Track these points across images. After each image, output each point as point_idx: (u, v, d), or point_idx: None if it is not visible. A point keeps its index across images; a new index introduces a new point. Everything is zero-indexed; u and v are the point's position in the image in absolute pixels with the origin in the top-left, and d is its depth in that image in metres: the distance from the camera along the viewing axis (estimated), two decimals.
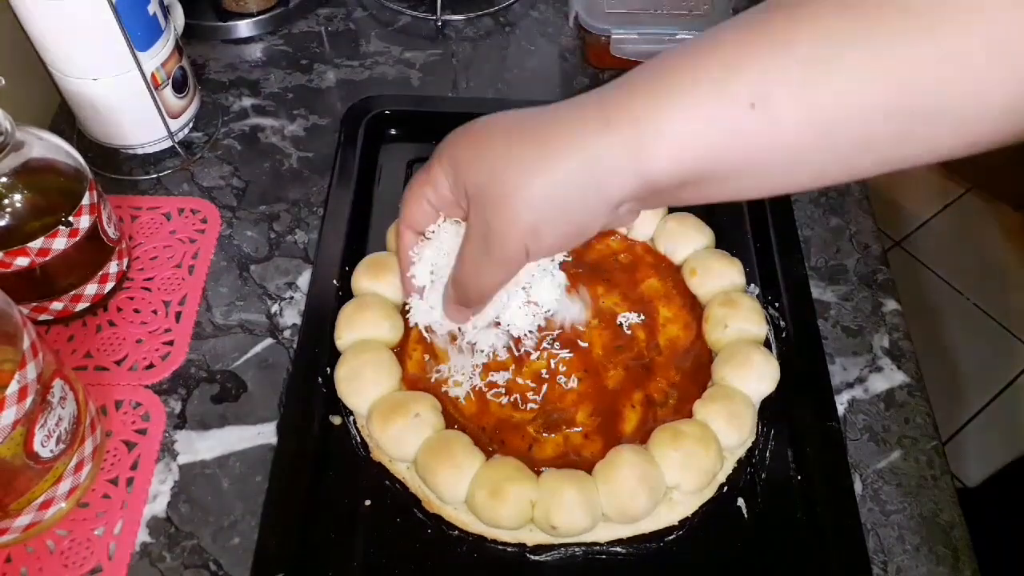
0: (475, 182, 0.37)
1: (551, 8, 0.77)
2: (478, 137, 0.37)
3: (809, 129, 0.31)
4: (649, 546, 0.46)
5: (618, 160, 0.33)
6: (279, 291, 0.57)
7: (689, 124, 0.32)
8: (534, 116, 0.36)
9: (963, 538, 0.48)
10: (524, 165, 0.35)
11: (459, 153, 0.38)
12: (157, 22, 0.58)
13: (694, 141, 0.32)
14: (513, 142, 0.36)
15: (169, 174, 0.63)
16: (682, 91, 0.32)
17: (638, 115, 0.33)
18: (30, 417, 0.39)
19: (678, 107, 0.32)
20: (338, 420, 0.50)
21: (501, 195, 0.36)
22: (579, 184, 0.34)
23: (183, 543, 0.46)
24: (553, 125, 0.35)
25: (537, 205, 0.35)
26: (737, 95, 0.31)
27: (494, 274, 0.40)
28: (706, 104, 0.32)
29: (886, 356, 0.55)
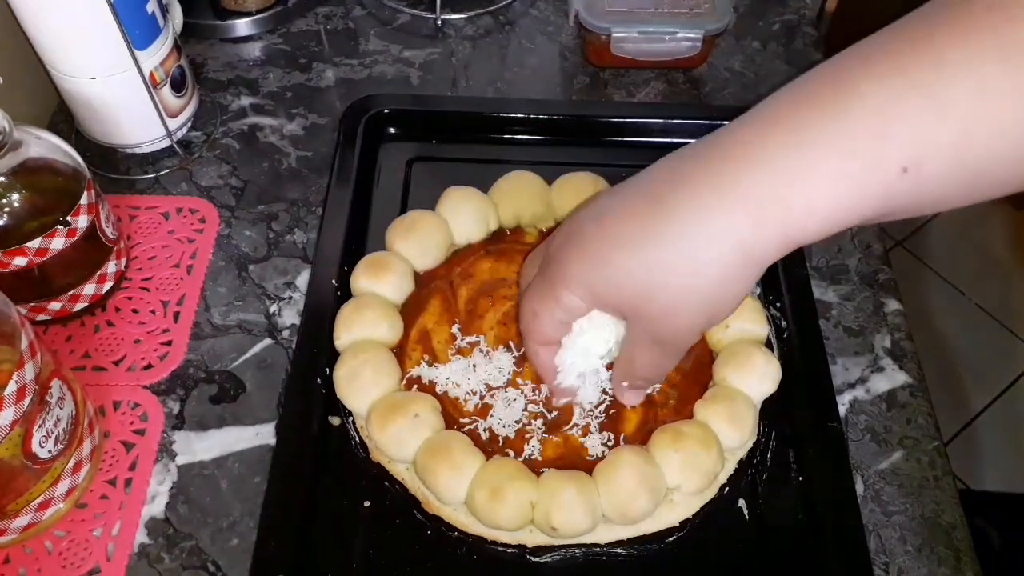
0: (629, 299, 0.35)
1: (551, 6, 0.77)
2: (604, 249, 0.35)
3: (959, 180, 0.30)
4: (650, 547, 0.46)
5: (773, 238, 0.32)
6: (278, 291, 0.57)
7: (841, 196, 0.30)
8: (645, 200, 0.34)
9: (965, 539, 0.47)
10: (680, 271, 0.33)
11: (593, 274, 0.35)
12: (155, 21, 0.58)
13: (845, 210, 0.31)
14: (644, 243, 0.33)
15: (167, 173, 0.63)
16: (833, 163, 0.30)
17: (784, 197, 0.30)
18: (28, 417, 0.39)
19: (828, 179, 0.30)
20: (337, 421, 0.50)
21: (666, 308, 0.34)
22: (738, 268, 0.33)
23: (181, 544, 0.46)
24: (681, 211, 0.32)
25: (709, 304, 0.34)
26: (889, 164, 0.29)
27: (673, 363, 0.41)
28: (858, 175, 0.30)
29: (888, 356, 0.55)
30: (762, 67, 0.73)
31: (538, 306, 0.39)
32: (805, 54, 0.74)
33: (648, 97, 0.70)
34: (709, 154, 0.33)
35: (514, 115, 0.65)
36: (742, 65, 0.73)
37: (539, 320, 0.39)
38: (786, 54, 0.74)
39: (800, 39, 0.76)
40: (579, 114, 0.66)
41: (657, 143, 0.65)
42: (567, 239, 0.37)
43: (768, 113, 0.31)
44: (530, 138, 0.65)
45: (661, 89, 0.71)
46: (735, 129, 0.32)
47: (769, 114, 0.31)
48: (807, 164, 0.30)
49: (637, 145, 0.65)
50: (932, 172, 0.29)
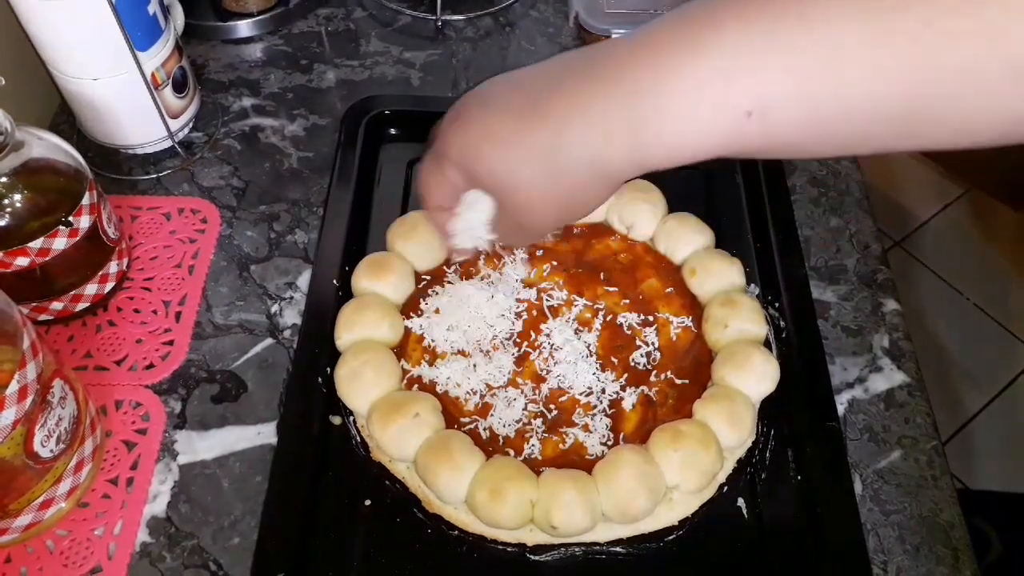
0: (491, 187, 0.38)
1: (551, 8, 0.77)
2: (478, 139, 0.38)
3: (807, 131, 0.31)
4: (649, 546, 0.46)
5: (623, 158, 0.34)
6: (279, 291, 0.57)
7: (687, 132, 0.32)
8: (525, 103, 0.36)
9: (963, 538, 0.48)
10: (531, 172, 0.36)
11: (465, 157, 0.38)
12: (157, 22, 0.58)
13: (692, 145, 0.33)
14: (512, 144, 0.36)
15: (169, 174, 0.63)
16: (679, 98, 0.32)
17: (636, 121, 0.33)
18: (30, 417, 0.39)
19: (677, 116, 0.32)
20: (338, 420, 0.50)
21: (521, 203, 0.38)
22: (588, 180, 0.36)
23: (183, 543, 0.46)
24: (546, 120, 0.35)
25: (560, 206, 0.37)
26: (734, 106, 0.31)
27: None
28: (703, 109, 0.31)
29: (886, 356, 0.55)
30: None
31: (426, 174, 0.42)
32: None
33: None
34: (588, 68, 0.35)
35: None
36: None
37: (428, 188, 0.42)
38: None
39: None
40: None
41: None
42: (455, 119, 0.39)
43: (645, 37, 0.33)
44: None
45: None
46: (617, 46, 0.34)
47: (645, 39, 0.33)
48: (660, 95, 0.32)
49: None
50: (779, 119, 0.31)
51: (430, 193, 0.42)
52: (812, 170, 0.65)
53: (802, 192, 0.64)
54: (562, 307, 0.54)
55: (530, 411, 0.49)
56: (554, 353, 0.52)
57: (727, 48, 0.31)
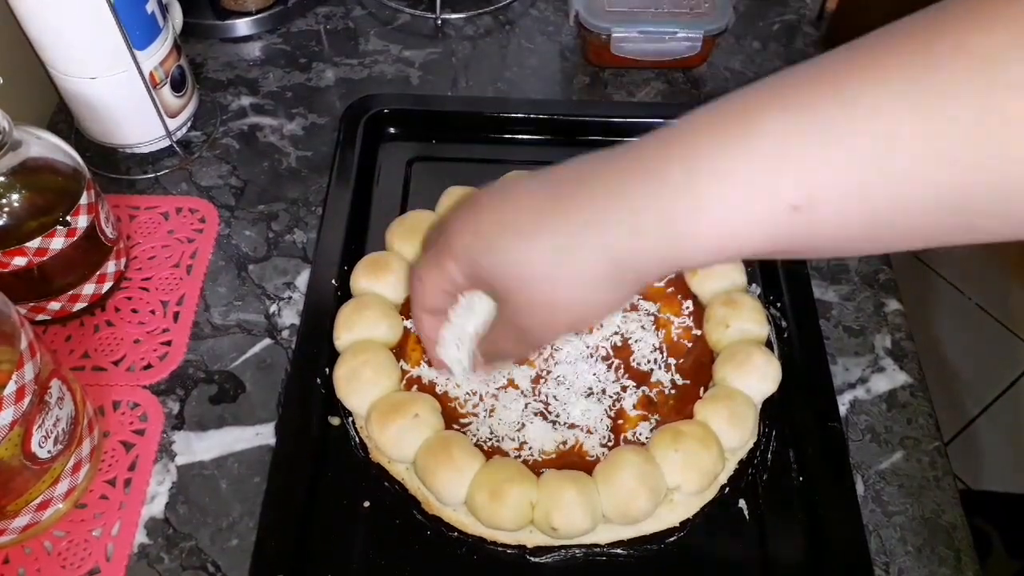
0: (499, 283, 0.36)
1: (551, 6, 0.77)
2: (491, 231, 0.35)
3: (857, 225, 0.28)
4: (650, 547, 0.46)
5: (649, 258, 0.32)
6: (277, 291, 0.57)
7: (727, 225, 0.30)
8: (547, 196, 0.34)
9: (965, 539, 0.47)
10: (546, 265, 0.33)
11: (475, 248, 0.36)
12: (155, 21, 0.57)
13: (732, 244, 0.30)
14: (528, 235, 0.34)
15: (167, 173, 0.63)
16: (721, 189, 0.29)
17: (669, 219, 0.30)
18: (28, 418, 0.39)
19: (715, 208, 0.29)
20: (337, 421, 0.50)
21: (531, 301, 0.35)
22: (608, 279, 0.33)
23: (181, 544, 0.46)
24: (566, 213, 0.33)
25: (572, 308, 0.35)
26: (779, 201, 0.28)
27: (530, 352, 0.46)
28: (745, 206, 0.29)
29: (888, 356, 0.55)
30: (762, 67, 0.73)
31: (424, 273, 0.40)
32: (805, 54, 0.74)
33: (648, 97, 0.70)
34: (616, 162, 0.33)
35: (514, 115, 0.65)
36: (742, 65, 0.73)
37: (423, 286, 0.40)
38: (786, 54, 0.74)
39: (800, 39, 0.75)
40: (579, 114, 0.66)
41: None
42: (465, 213, 0.37)
43: (681, 130, 0.31)
44: (530, 138, 0.65)
45: (661, 89, 0.71)
46: (648, 141, 0.32)
47: (681, 131, 0.31)
48: (695, 191, 0.30)
49: None
50: (828, 214, 0.28)
51: (424, 292, 0.40)
52: None
53: None
54: None
55: (530, 411, 0.49)
56: (554, 353, 0.51)
57: (769, 140, 0.28)
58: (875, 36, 0.28)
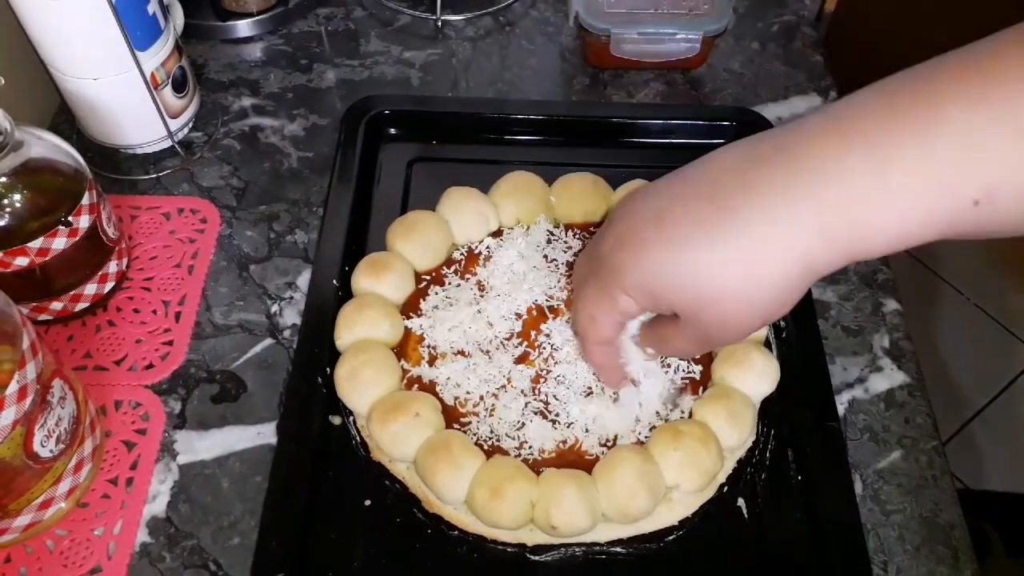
0: (686, 305, 0.35)
1: (551, 7, 0.77)
2: (662, 253, 0.34)
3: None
4: (649, 546, 0.46)
5: (838, 252, 0.32)
6: (279, 291, 0.57)
7: (909, 219, 0.30)
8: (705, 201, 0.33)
9: (963, 538, 0.48)
10: (740, 280, 0.33)
11: (649, 275, 0.35)
12: (157, 22, 0.58)
13: (913, 236, 0.30)
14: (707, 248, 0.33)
15: (169, 174, 0.63)
16: (906, 187, 0.29)
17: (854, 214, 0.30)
18: (30, 417, 0.39)
19: (900, 201, 0.29)
20: (338, 420, 0.50)
21: (723, 315, 0.35)
22: (799, 279, 0.33)
23: (183, 543, 0.46)
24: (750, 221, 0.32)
25: (764, 310, 0.35)
26: (964, 192, 0.28)
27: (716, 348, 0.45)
28: (928, 205, 0.29)
29: (886, 356, 0.55)
30: (761, 68, 0.73)
31: (594, 310, 0.39)
32: (804, 55, 0.74)
33: (648, 98, 0.70)
34: (784, 162, 0.32)
35: (514, 116, 0.65)
36: (741, 66, 0.73)
37: (596, 324, 0.40)
38: (785, 55, 0.74)
39: (799, 40, 0.76)
40: (579, 115, 0.66)
41: (657, 143, 0.65)
42: (621, 241, 0.36)
43: (849, 121, 0.30)
44: (530, 138, 0.65)
45: (661, 90, 0.71)
46: (813, 134, 0.31)
47: (850, 123, 0.30)
48: (886, 185, 0.29)
49: (637, 146, 0.65)
50: (1005, 203, 0.29)
51: (598, 329, 0.40)
52: None
53: None
54: (562, 307, 0.54)
55: (530, 411, 0.49)
56: (554, 353, 0.52)
57: (951, 132, 0.28)
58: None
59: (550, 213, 0.58)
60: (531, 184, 0.58)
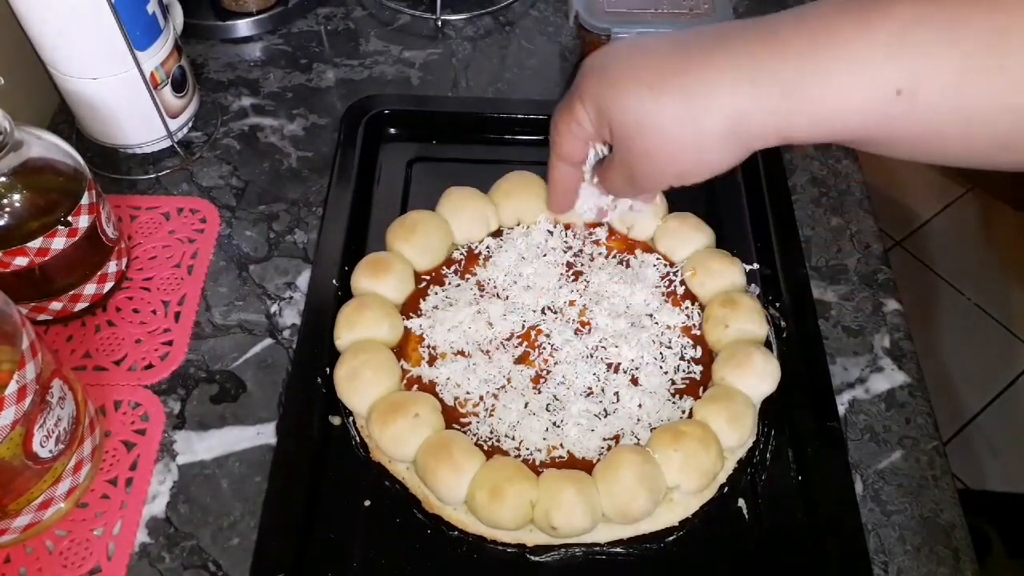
0: (620, 128, 0.38)
1: (551, 7, 0.77)
2: (620, 77, 0.37)
3: (952, 123, 0.31)
4: (649, 547, 0.46)
5: (763, 123, 0.34)
6: (278, 291, 0.57)
7: (836, 103, 0.32)
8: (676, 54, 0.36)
9: (964, 539, 0.48)
10: (669, 118, 0.35)
11: (602, 94, 0.38)
12: (156, 21, 0.58)
13: (836, 118, 0.33)
14: (656, 88, 0.36)
15: (168, 174, 0.63)
16: (836, 68, 0.32)
17: (788, 86, 0.33)
18: (29, 417, 0.39)
19: (829, 85, 0.32)
20: (338, 420, 0.50)
21: (648, 149, 0.37)
22: (723, 139, 0.35)
23: (182, 543, 0.46)
24: (698, 72, 0.35)
25: (684, 158, 0.37)
26: (888, 80, 0.31)
27: (637, 193, 0.47)
28: (856, 86, 0.31)
29: (887, 356, 0.55)
30: None
31: (558, 119, 0.42)
32: None
33: None
34: (750, 35, 0.35)
35: (514, 116, 0.65)
36: None
37: (559, 133, 0.42)
38: None
39: None
40: None
41: None
42: (600, 58, 0.39)
43: (812, 9, 0.33)
44: (530, 138, 0.65)
45: None
46: (782, 16, 0.34)
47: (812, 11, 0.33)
48: (814, 62, 0.32)
49: None
50: (927, 102, 0.30)
51: (560, 138, 0.42)
52: (813, 170, 0.65)
53: (803, 192, 0.64)
54: (562, 307, 0.54)
55: (530, 411, 0.49)
56: (554, 353, 0.52)
57: (891, 26, 0.30)
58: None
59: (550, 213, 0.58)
60: (531, 184, 0.58)
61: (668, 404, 0.50)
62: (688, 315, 0.54)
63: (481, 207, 0.57)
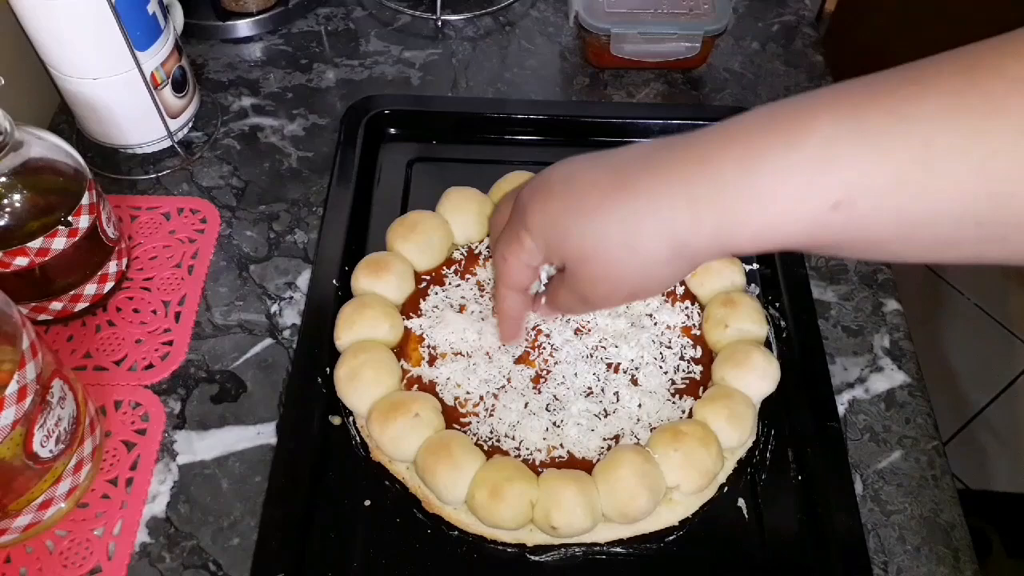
0: (570, 254, 0.39)
1: (551, 7, 0.77)
2: (565, 207, 0.38)
3: (893, 228, 0.31)
4: (649, 546, 0.46)
5: (706, 244, 0.34)
6: (279, 291, 0.57)
7: (775, 219, 0.32)
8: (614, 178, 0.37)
9: (964, 538, 0.48)
10: (616, 244, 0.36)
11: (547, 222, 0.39)
12: (156, 22, 0.58)
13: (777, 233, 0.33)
14: (601, 213, 0.36)
15: (168, 174, 0.63)
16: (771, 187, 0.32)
17: (725, 207, 0.33)
18: (29, 417, 0.39)
19: (766, 203, 0.32)
20: (338, 420, 0.50)
21: (597, 275, 0.38)
22: (667, 261, 0.36)
23: (183, 543, 0.46)
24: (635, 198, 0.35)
25: (633, 281, 0.38)
26: (824, 194, 0.31)
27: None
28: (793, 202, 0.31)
29: (887, 356, 0.55)
30: (761, 68, 0.73)
31: (505, 249, 0.42)
32: (804, 55, 0.74)
33: (648, 98, 0.70)
34: (679, 151, 0.35)
35: (514, 116, 0.65)
36: (741, 66, 0.73)
37: (507, 263, 0.43)
38: (785, 55, 0.74)
39: (799, 40, 0.76)
40: (579, 115, 0.66)
41: None
42: (535, 192, 0.40)
43: (739, 125, 0.34)
44: (530, 138, 0.65)
45: (661, 90, 0.71)
46: (711, 133, 0.35)
47: (739, 127, 0.34)
48: (748, 182, 0.32)
49: None
50: (865, 214, 0.30)
51: (508, 268, 0.43)
52: None
53: None
54: None
55: (530, 411, 0.49)
56: (554, 353, 0.52)
57: (817, 139, 0.31)
58: (927, 59, 0.30)
59: None
60: None
61: (668, 404, 0.50)
62: (688, 315, 0.54)
63: (481, 207, 0.57)
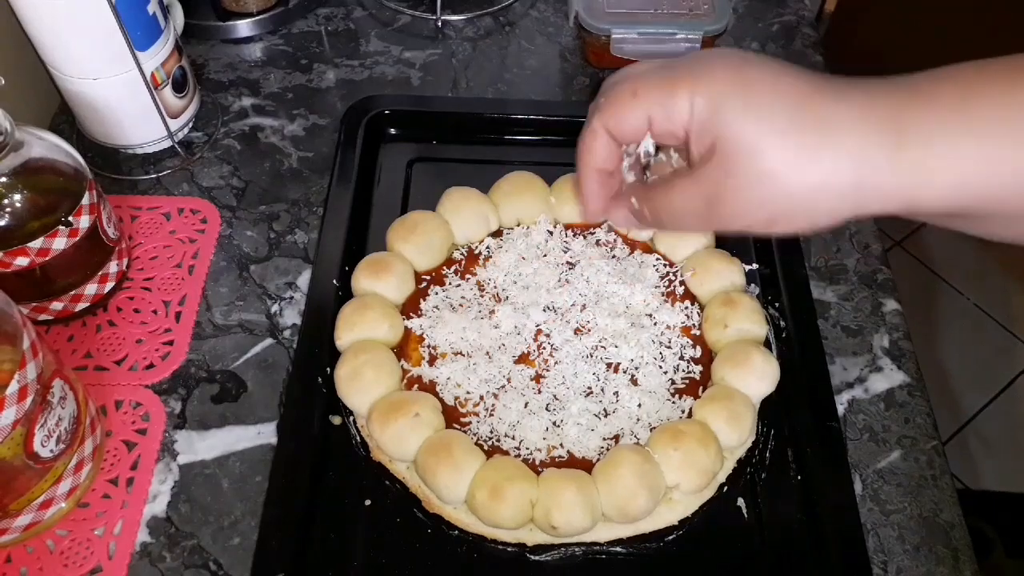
0: (735, 141, 0.32)
1: (551, 8, 0.77)
2: (755, 88, 0.32)
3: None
4: (649, 546, 0.46)
5: (891, 187, 0.31)
6: (279, 291, 0.57)
7: (976, 167, 0.30)
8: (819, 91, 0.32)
9: (963, 538, 0.48)
10: (795, 151, 0.31)
11: (726, 92, 0.32)
12: (157, 22, 0.58)
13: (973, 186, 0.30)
14: (793, 115, 0.31)
15: (169, 174, 0.63)
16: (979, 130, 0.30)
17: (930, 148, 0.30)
18: (30, 417, 0.39)
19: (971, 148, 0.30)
20: (338, 420, 0.50)
21: (751, 178, 0.32)
22: (840, 193, 0.32)
23: (183, 543, 0.46)
24: (837, 116, 0.31)
25: (790, 202, 0.32)
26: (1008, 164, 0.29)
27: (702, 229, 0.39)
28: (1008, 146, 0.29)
29: (886, 356, 0.55)
30: None
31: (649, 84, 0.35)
32: (804, 55, 0.74)
33: None
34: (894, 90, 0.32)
35: (514, 116, 0.65)
36: None
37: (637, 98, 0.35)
38: (785, 55, 0.74)
39: (799, 40, 0.76)
40: (579, 115, 0.66)
41: None
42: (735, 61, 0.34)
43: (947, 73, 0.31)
44: (530, 138, 0.66)
45: None
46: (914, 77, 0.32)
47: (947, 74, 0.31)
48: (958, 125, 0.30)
49: None
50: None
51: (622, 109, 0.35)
52: None
53: None
54: (562, 307, 0.54)
55: (530, 411, 0.49)
56: (554, 353, 0.52)
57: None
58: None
59: (550, 213, 0.58)
60: (531, 184, 0.58)
61: (668, 404, 0.50)
62: (688, 315, 0.54)
63: (481, 207, 0.57)
